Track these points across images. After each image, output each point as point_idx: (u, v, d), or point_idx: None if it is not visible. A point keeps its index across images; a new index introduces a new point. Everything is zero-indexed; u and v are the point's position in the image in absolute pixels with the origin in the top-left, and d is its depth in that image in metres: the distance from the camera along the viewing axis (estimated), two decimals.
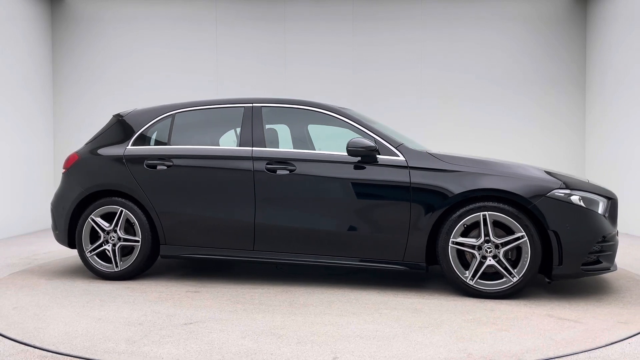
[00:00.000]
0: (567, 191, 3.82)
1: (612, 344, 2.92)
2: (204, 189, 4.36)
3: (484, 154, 7.85)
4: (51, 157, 8.42)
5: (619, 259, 5.26)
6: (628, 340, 3.01)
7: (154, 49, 8.48)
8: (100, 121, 7.78)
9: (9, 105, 7.32)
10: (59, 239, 4.74)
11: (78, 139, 7.98)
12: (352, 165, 4.09)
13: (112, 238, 4.51)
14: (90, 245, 4.56)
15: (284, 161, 4.22)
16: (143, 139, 4.66)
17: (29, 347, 2.83)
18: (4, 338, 2.99)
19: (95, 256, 4.55)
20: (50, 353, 2.74)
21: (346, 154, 4.10)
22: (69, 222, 4.63)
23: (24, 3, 7.69)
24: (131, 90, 8.42)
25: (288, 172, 4.19)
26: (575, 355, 2.74)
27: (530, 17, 8.59)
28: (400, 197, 3.98)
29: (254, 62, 8.48)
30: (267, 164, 4.23)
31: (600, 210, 3.91)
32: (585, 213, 3.80)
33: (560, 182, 3.85)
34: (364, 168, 4.08)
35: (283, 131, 4.95)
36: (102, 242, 4.53)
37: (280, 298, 3.87)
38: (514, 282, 3.79)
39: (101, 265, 4.53)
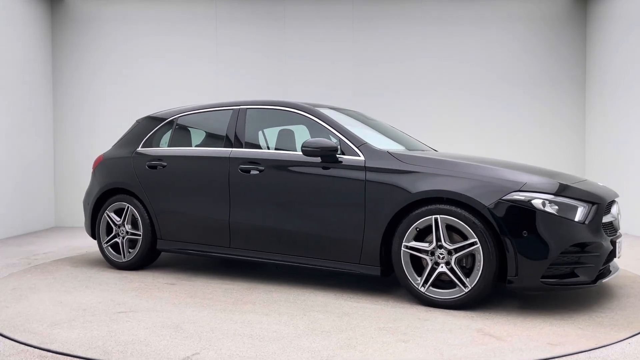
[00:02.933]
0: (529, 194, 3.42)
1: (612, 344, 2.87)
2: (191, 188, 4.63)
3: (482, 154, 7.36)
4: (51, 157, 8.41)
5: (620, 259, 4.94)
6: (628, 340, 2.95)
7: (154, 49, 8.48)
8: (100, 121, 8.30)
9: (8, 105, 7.26)
10: (86, 231, 5.34)
11: (78, 139, 8.42)
12: (316, 166, 4.07)
13: (122, 232, 4.99)
14: (106, 237, 5.09)
15: (255, 162, 4.32)
16: (151, 141, 5.07)
17: (29, 347, 2.85)
18: (4, 338, 3.01)
19: (109, 247, 5.07)
20: (51, 353, 2.77)
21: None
22: (91, 216, 5.21)
23: (24, 3, 7.62)
24: (131, 89, 8.45)
25: (258, 172, 4.29)
26: (576, 355, 2.69)
27: (530, 16, 8.55)
28: (356, 199, 3.87)
29: (253, 61, 8.54)
30: (240, 164, 4.37)
31: (578, 216, 3.44)
32: (549, 219, 3.37)
33: (522, 184, 3.47)
34: (328, 168, 4.03)
35: (303, 132, 5.04)
36: (115, 235, 5.03)
37: (233, 294, 3.99)
38: (466, 292, 3.49)
39: (113, 255, 5.03)
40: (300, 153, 4.15)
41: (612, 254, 3.67)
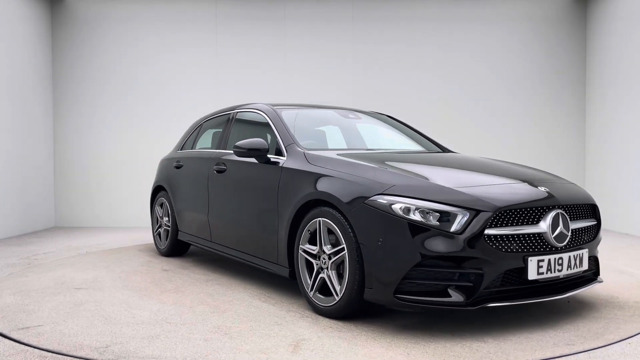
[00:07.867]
0: (392, 198, 3.04)
1: (612, 344, 2.89)
2: (191, 186, 5.14)
3: (482, 153, 7.19)
4: (51, 157, 8.45)
5: (617, 259, 4.68)
6: (628, 340, 2.96)
7: (154, 49, 8.52)
8: (100, 121, 8.56)
9: (9, 105, 7.29)
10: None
11: (78, 139, 8.55)
12: (254, 166, 4.18)
13: (162, 223, 5.76)
14: (156, 226, 5.94)
15: (224, 163, 4.62)
16: (185, 144, 5.74)
17: (28, 347, 2.85)
18: (4, 338, 3.02)
19: (157, 236, 5.90)
20: (50, 353, 2.78)
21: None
22: (151, 209, 6.12)
23: (24, 4, 7.68)
24: (131, 90, 8.54)
25: (224, 172, 4.58)
26: (576, 355, 2.71)
27: (530, 16, 8.58)
28: (273, 198, 3.89)
29: (254, 62, 8.41)
30: (215, 164, 4.71)
31: (455, 226, 2.93)
32: (407, 226, 2.94)
33: (388, 186, 3.09)
34: (265, 169, 4.10)
35: (334, 132, 5.19)
36: (160, 226, 5.84)
37: (184, 285, 4.35)
38: (336, 301, 3.28)
39: (157, 243, 5.85)
40: None
41: (521, 273, 3.01)
